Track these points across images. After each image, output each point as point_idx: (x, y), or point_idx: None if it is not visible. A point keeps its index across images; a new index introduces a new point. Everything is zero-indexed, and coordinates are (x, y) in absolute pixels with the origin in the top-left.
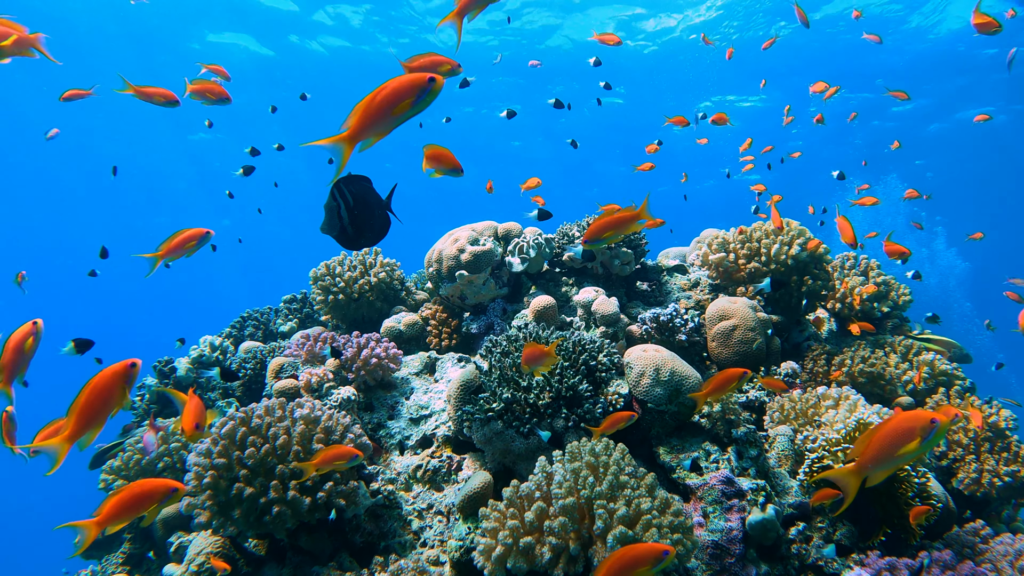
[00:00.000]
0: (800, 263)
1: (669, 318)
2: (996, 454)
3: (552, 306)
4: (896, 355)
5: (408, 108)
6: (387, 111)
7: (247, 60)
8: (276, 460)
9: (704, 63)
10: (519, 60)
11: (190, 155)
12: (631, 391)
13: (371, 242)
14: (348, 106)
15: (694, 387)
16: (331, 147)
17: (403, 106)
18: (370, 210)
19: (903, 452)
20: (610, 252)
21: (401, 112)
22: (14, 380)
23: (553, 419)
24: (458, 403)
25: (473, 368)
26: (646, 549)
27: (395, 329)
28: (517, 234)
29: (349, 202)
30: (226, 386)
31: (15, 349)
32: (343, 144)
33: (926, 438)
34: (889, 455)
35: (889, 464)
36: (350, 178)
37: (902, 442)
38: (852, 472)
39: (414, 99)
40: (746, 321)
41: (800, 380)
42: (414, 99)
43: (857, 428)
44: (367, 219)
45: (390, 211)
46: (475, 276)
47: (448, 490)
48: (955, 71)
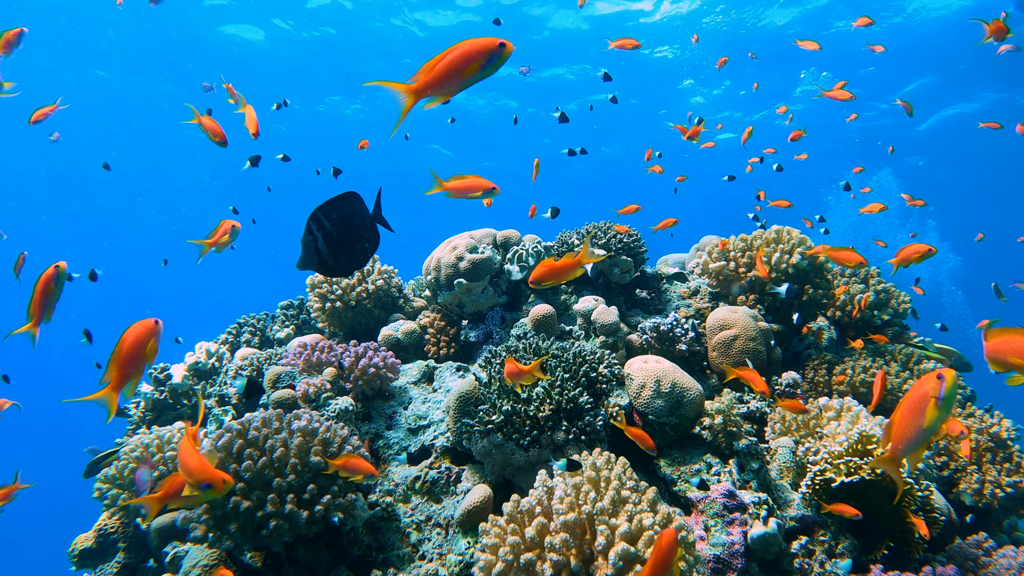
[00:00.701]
0: (801, 272)
1: (669, 328)
2: (998, 464)
3: (551, 315)
4: (896, 363)
5: (477, 71)
6: (456, 72)
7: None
8: (273, 473)
9: (693, 58)
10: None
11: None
12: (632, 403)
13: (360, 265)
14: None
15: (695, 399)
16: (395, 93)
17: (472, 68)
18: (356, 232)
19: (928, 421)
20: (610, 261)
21: (470, 75)
22: (41, 322)
23: (553, 432)
24: (457, 415)
25: (472, 379)
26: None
27: (393, 337)
28: (516, 241)
29: (328, 231)
30: (221, 395)
31: (43, 291)
32: (408, 95)
33: (940, 397)
34: (916, 428)
35: (920, 437)
36: (329, 205)
37: (921, 411)
38: (888, 460)
39: (483, 62)
40: (747, 331)
41: (801, 390)
42: (483, 62)
43: (860, 440)
44: (353, 243)
45: (380, 222)
46: (474, 284)
47: (447, 502)
48: (947, 59)
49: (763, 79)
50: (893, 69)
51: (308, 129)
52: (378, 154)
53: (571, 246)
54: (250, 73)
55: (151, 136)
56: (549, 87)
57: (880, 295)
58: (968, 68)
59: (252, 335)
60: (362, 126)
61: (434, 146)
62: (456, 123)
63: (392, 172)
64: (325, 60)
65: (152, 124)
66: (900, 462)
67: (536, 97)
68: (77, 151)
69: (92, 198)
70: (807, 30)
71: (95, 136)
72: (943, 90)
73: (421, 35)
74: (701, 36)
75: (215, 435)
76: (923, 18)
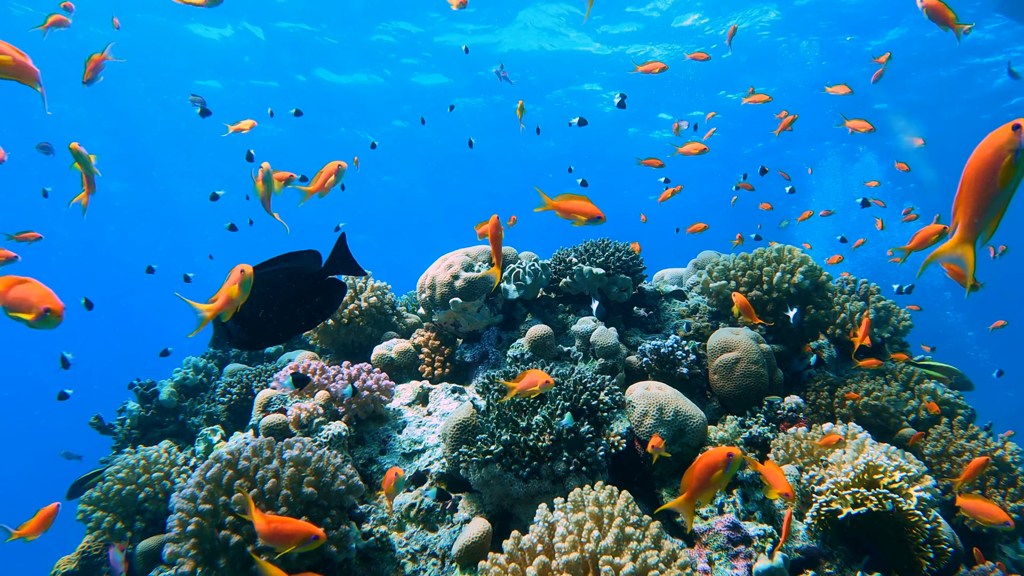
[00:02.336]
0: (802, 291)
1: (670, 350)
2: (1002, 488)
3: (549, 336)
4: (897, 383)
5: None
6: None
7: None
8: (264, 505)
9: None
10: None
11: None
12: (633, 431)
13: (301, 330)
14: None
15: (698, 427)
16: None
17: None
18: (291, 300)
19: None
20: (608, 279)
21: None
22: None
23: (554, 462)
24: (454, 443)
25: (469, 407)
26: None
27: (386, 357)
28: (512, 259)
29: (244, 316)
30: (210, 412)
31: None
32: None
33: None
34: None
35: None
36: (259, 279)
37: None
38: (959, 242)
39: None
40: (749, 354)
41: (804, 415)
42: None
43: (867, 471)
44: (287, 311)
45: (345, 270)
46: (469, 304)
47: (443, 531)
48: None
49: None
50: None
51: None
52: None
53: (568, 264)
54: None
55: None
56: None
57: (880, 312)
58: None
59: None
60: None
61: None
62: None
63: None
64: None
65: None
66: (973, 241)
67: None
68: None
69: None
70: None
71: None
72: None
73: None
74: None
75: (204, 465)
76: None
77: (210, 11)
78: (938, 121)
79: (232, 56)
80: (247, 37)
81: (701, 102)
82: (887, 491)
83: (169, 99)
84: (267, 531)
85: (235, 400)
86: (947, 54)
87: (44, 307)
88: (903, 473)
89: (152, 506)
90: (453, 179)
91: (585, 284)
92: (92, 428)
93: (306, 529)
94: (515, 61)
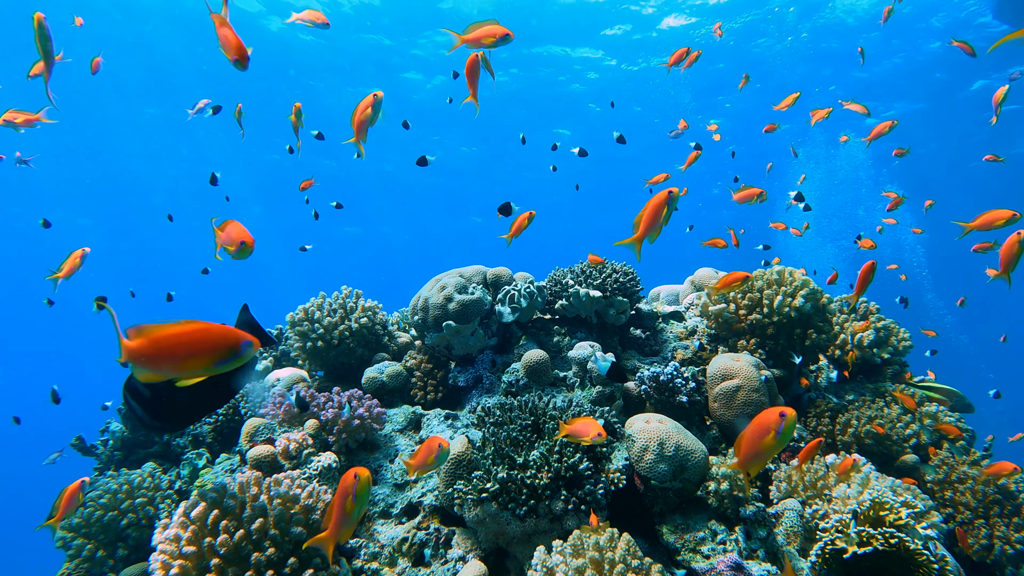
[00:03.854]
0: (803, 315)
1: (669, 378)
2: (1006, 518)
3: (545, 361)
4: (898, 406)
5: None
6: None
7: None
8: (252, 547)
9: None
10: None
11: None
12: (633, 465)
13: (211, 411)
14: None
15: (700, 462)
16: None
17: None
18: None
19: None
20: (605, 302)
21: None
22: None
23: (552, 501)
24: (448, 478)
25: (464, 441)
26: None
27: (378, 380)
28: (507, 280)
29: (146, 398)
30: (196, 433)
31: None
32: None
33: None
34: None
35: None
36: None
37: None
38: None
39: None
40: (750, 381)
41: (804, 443)
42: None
43: (872, 507)
44: (196, 395)
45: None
46: (463, 327)
47: (436, 568)
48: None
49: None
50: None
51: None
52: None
53: (565, 286)
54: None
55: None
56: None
57: (880, 333)
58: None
59: None
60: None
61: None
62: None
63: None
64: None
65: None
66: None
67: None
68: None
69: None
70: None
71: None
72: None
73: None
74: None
75: (189, 503)
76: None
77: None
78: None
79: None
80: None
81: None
82: (894, 530)
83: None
84: None
85: (221, 421)
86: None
87: (241, 241)
88: (910, 510)
89: (135, 532)
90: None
91: (582, 307)
92: (73, 449)
93: None
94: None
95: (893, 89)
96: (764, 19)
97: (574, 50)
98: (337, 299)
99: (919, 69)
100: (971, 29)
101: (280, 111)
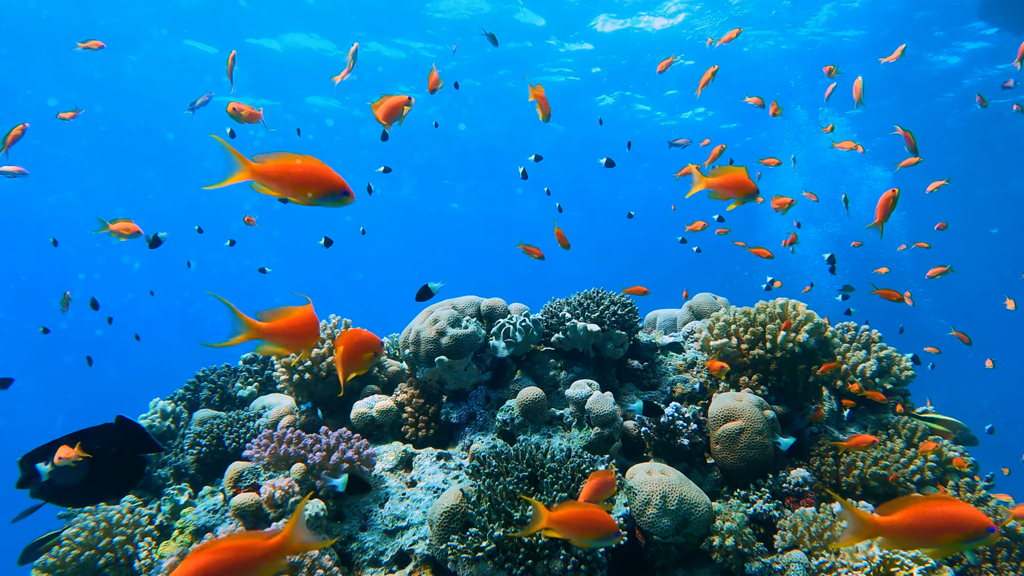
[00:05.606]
0: (807, 351)
1: (670, 420)
2: (1013, 561)
3: (541, 400)
4: (901, 439)
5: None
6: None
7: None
8: None
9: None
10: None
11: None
12: (634, 518)
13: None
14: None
15: (704, 516)
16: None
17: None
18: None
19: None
20: (603, 336)
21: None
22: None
23: (550, 560)
24: (441, 532)
25: (458, 493)
26: None
27: (367, 415)
28: (502, 313)
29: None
30: (178, 465)
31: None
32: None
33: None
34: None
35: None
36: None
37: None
38: None
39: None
40: (754, 423)
41: (810, 487)
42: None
43: (883, 564)
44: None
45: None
46: (456, 362)
47: None
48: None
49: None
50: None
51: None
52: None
53: (561, 319)
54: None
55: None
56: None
57: (882, 363)
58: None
59: (212, 392)
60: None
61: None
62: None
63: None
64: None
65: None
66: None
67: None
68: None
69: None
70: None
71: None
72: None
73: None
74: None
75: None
76: None
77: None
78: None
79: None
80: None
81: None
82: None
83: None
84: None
85: (204, 453)
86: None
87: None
88: (921, 567)
89: (113, 573)
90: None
91: (579, 341)
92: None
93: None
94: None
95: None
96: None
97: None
98: (325, 328)
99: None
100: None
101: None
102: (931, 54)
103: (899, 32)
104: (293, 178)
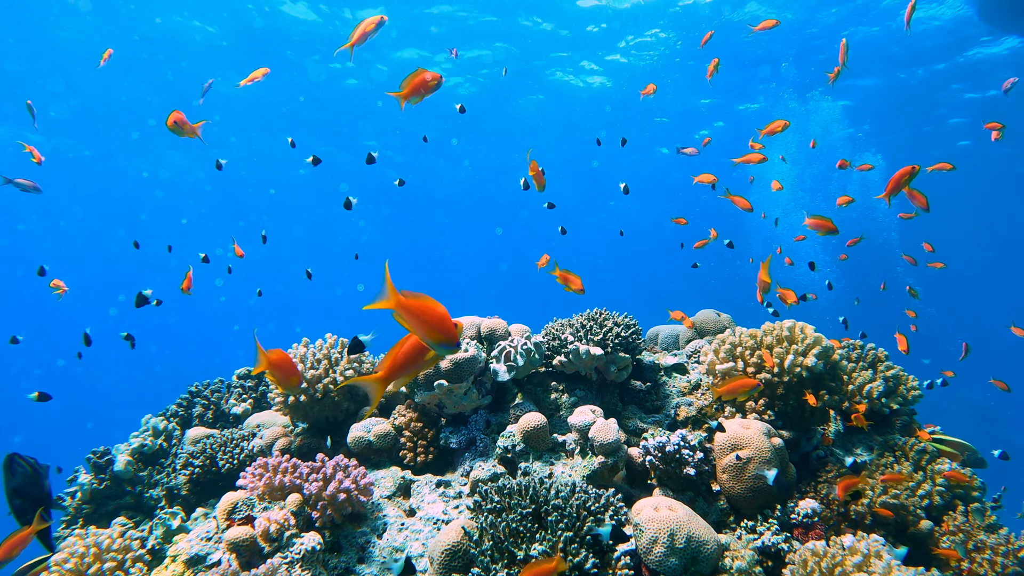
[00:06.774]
0: (815, 375)
1: (676, 449)
2: None
3: (543, 427)
4: (908, 462)
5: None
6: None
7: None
8: None
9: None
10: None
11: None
12: (641, 556)
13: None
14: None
15: (712, 554)
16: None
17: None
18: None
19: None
20: (607, 359)
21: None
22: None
23: None
24: (442, 570)
25: (459, 529)
26: None
27: (364, 439)
28: (503, 335)
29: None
30: (170, 486)
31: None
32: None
33: None
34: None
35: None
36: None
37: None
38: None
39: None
40: (761, 452)
41: (819, 519)
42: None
43: None
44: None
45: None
46: (456, 386)
47: None
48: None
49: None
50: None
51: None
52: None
53: (564, 342)
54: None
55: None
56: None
57: (889, 382)
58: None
59: (205, 408)
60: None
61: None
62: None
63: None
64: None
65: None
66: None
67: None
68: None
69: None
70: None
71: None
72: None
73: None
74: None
75: None
76: None
77: None
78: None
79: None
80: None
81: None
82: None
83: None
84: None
85: (198, 473)
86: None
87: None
88: None
89: None
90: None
91: (581, 365)
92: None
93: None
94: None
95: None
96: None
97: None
98: (321, 348)
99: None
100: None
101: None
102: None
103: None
104: (428, 322)
